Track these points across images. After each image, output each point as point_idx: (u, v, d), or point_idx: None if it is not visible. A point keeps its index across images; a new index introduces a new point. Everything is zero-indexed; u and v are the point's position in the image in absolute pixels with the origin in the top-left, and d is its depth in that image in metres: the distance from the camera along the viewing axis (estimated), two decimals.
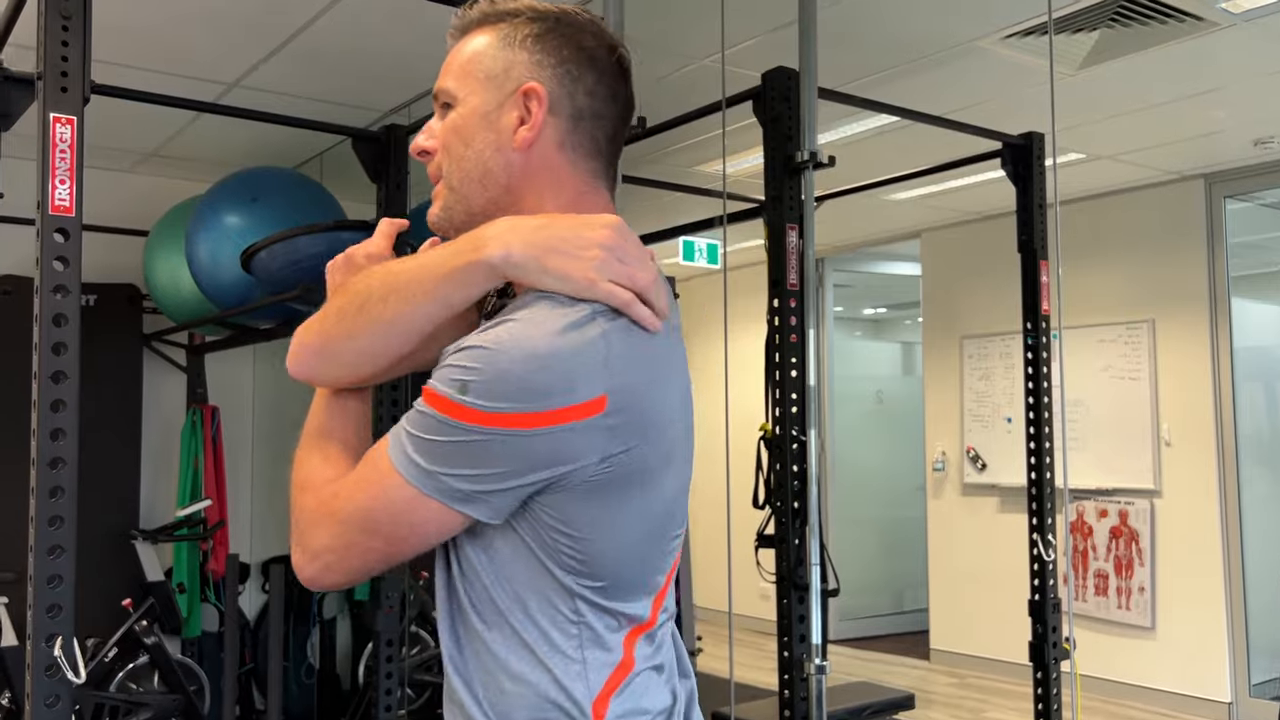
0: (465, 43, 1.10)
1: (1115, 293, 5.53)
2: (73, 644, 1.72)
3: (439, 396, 0.95)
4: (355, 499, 0.99)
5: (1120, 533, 5.43)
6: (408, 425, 0.97)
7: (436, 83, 1.11)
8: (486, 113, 1.07)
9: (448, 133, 1.09)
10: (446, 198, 1.10)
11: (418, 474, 0.95)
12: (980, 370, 6.15)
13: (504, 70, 1.07)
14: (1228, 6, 3.16)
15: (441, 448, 0.95)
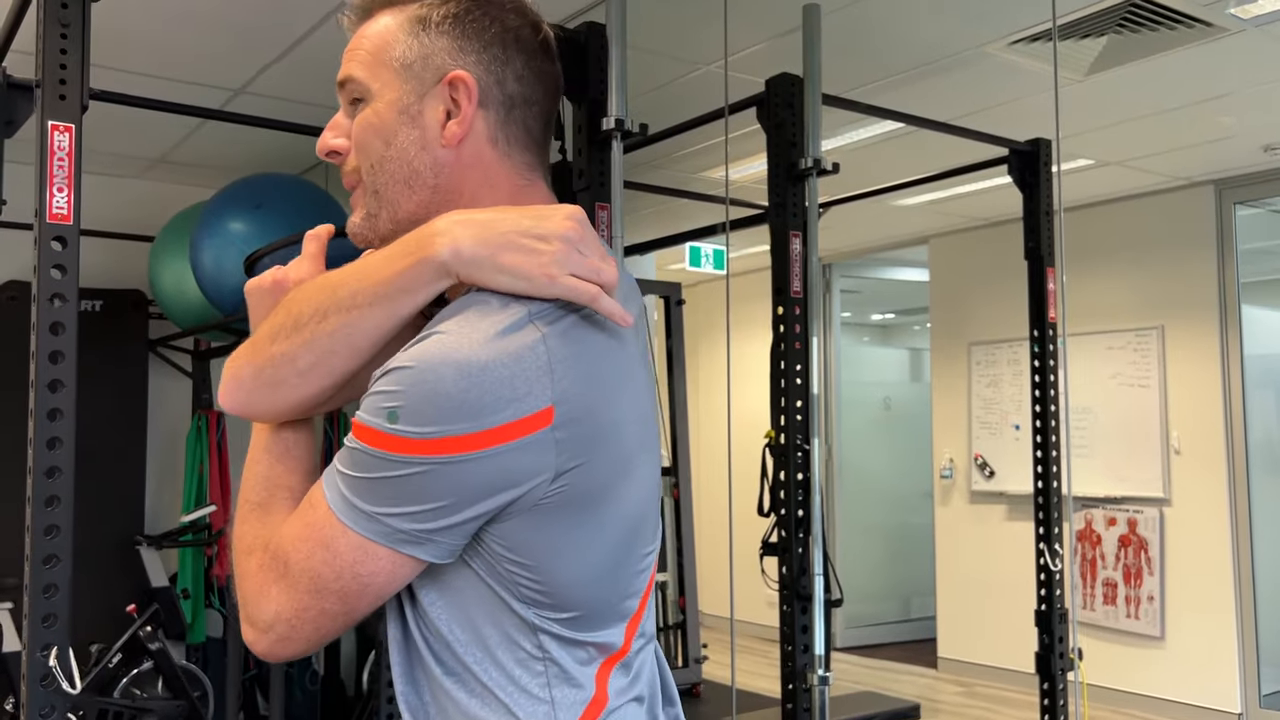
0: (368, 25, 0.99)
1: (1124, 299, 5.50)
2: (68, 654, 1.71)
3: (367, 428, 0.85)
4: (298, 555, 0.87)
5: (1129, 541, 5.39)
6: (340, 464, 0.87)
7: (340, 72, 0.99)
8: (406, 106, 0.96)
9: (363, 131, 0.97)
10: (369, 204, 0.98)
11: (358, 518, 0.85)
12: (988, 377, 6.12)
13: (422, 58, 0.95)
14: (1237, 12, 3.14)
15: (379, 486, 0.84)
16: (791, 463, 2.67)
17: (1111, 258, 5.56)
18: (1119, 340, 5.50)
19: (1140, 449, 5.37)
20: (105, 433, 4.43)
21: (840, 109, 3.04)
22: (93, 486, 4.36)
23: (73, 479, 1.73)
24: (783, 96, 2.67)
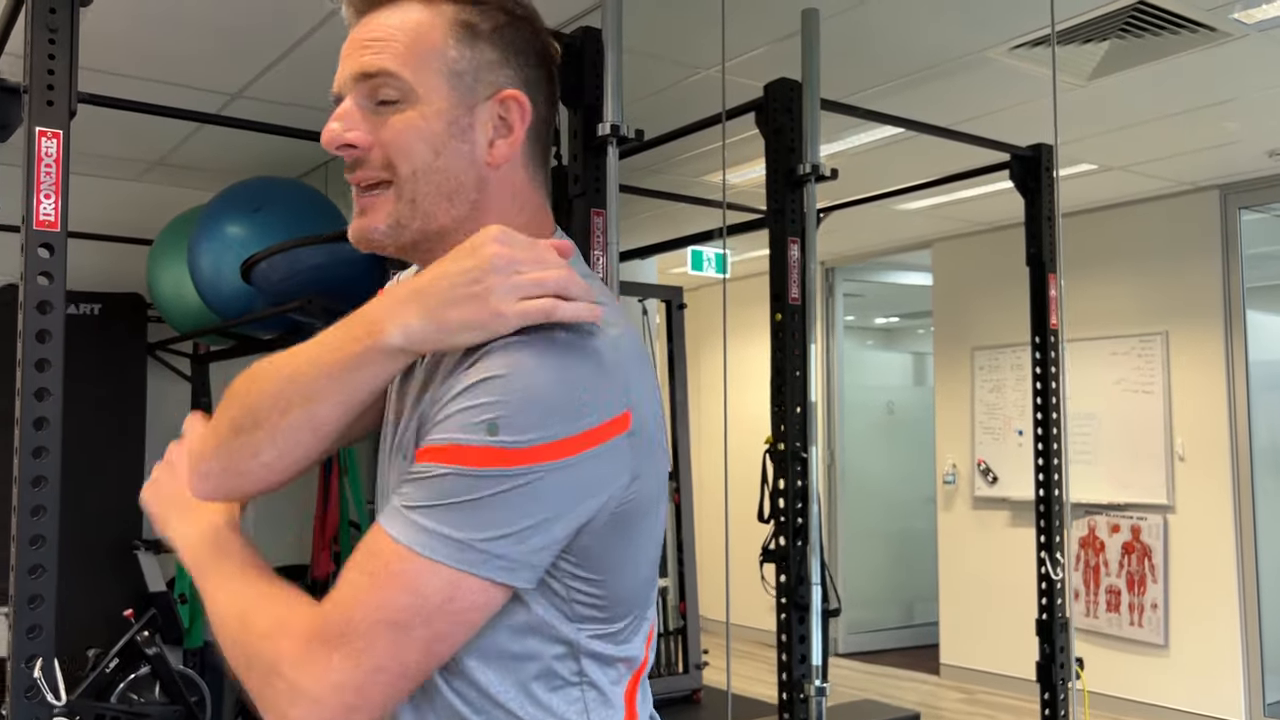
0: (392, 14, 0.93)
1: (1128, 305, 5.47)
2: (53, 665, 1.69)
3: (462, 448, 0.80)
4: (364, 612, 0.79)
5: (1132, 548, 5.36)
6: (416, 498, 0.80)
7: (359, 60, 0.92)
8: (456, 119, 0.92)
9: (406, 135, 0.91)
10: (399, 211, 0.92)
11: (451, 549, 0.79)
12: (991, 382, 6.10)
13: (474, 69, 0.92)
14: (1241, 18, 3.11)
15: (477, 509, 0.79)
16: (790, 470, 2.65)
17: (1115, 263, 5.53)
18: (1123, 346, 5.47)
19: (1144, 455, 5.34)
20: (104, 436, 4.42)
21: (840, 114, 3.01)
22: (91, 490, 4.34)
23: (59, 489, 1.71)
24: (781, 102, 2.65)
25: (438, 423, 0.82)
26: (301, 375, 0.88)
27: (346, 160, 0.93)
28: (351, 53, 0.94)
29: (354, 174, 0.93)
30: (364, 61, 0.92)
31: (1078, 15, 3.10)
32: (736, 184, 4.67)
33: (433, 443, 0.82)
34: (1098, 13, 3.08)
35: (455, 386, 0.83)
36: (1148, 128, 4.22)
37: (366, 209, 0.94)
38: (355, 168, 0.93)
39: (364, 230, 0.94)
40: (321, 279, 3.28)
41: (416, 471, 0.82)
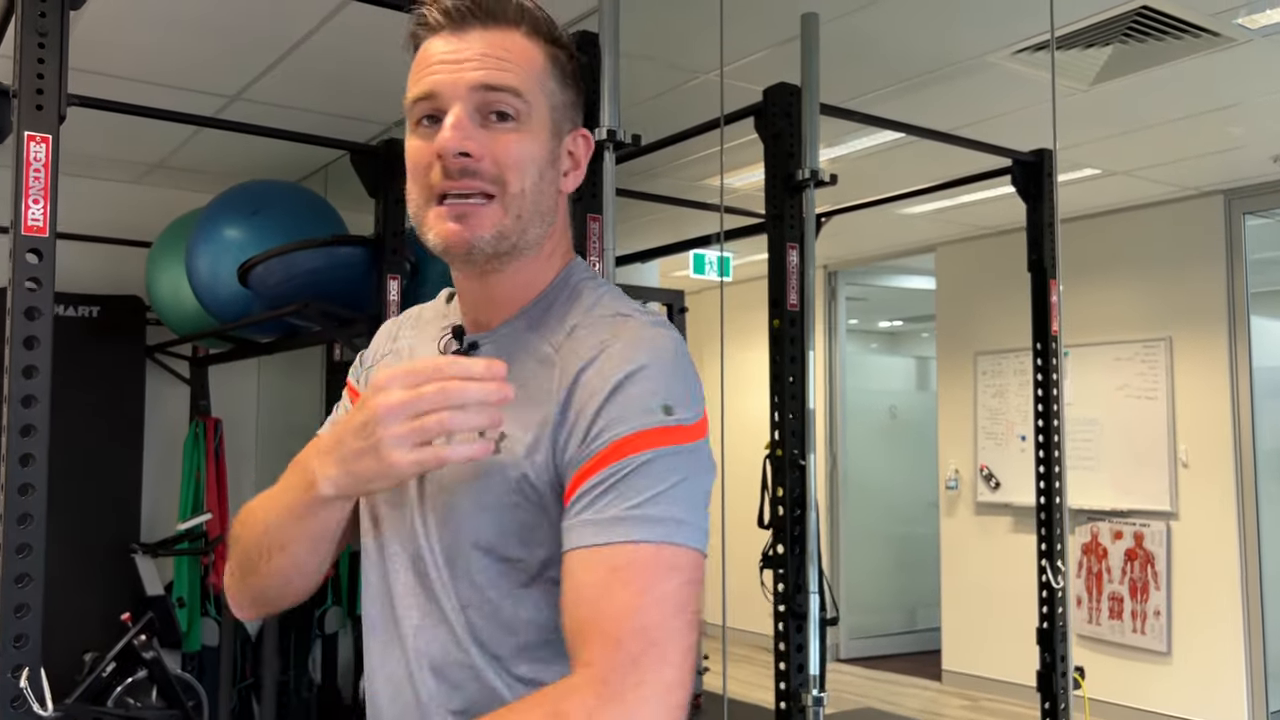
0: (504, 36, 0.97)
1: (1131, 310, 5.45)
2: (39, 675, 1.67)
3: (648, 431, 0.87)
4: (658, 616, 0.82)
5: (1135, 555, 5.33)
6: (634, 498, 0.85)
7: (484, 71, 0.95)
8: (552, 148, 1.00)
9: (522, 153, 0.96)
10: (504, 224, 0.96)
11: (689, 532, 0.86)
12: (994, 387, 6.07)
13: (562, 105, 1.00)
14: (1245, 23, 3.09)
15: (681, 487, 0.87)
16: (788, 478, 2.63)
17: (1119, 268, 5.50)
18: (1126, 351, 5.44)
19: (1147, 461, 5.31)
20: (102, 439, 4.41)
21: (840, 119, 2.99)
22: (88, 493, 4.34)
23: (45, 497, 1.69)
24: (780, 106, 2.63)
25: (604, 426, 0.88)
26: (273, 524, 1.00)
27: (452, 167, 0.94)
28: (459, 61, 0.96)
29: (459, 181, 0.95)
30: (489, 75, 0.95)
31: (1080, 20, 3.08)
32: (736, 188, 4.65)
33: (614, 439, 0.87)
34: (1100, 17, 3.06)
35: (598, 391, 0.90)
36: (1151, 132, 4.20)
37: (466, 216, 0.95)
38: (463, 175, 0.95)
39: (465, 237, 0.96)
40: (318, 283, 3.27)
41: (611, 474, 0.87)
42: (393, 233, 3.17)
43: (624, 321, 0.96)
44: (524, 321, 1.02)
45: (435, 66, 0.97)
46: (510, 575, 0.95)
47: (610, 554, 0.84)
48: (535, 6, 1.00)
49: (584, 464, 0.89)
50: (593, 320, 0.97)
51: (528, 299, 1.02)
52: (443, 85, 0.96)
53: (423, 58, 0.99)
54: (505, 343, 1.01)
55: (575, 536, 0.87)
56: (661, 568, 0.84)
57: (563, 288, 1.03)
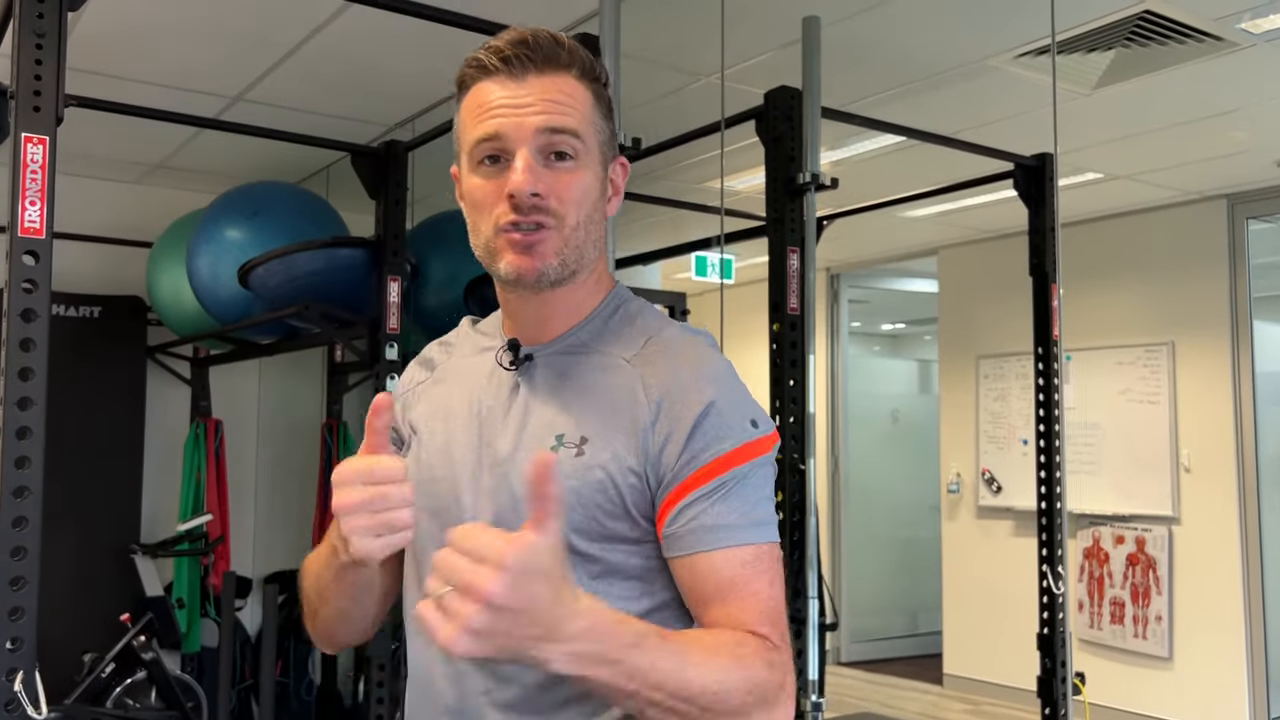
0: (558, 80, 1.06)
1: (1134, 314, 5.43)
2: (34, 679, 1.67)
3: (745, 446, 1.02)
4: (780, 602, 1.03)
5: (1137, 560, 5.31)
6: (745, 505, 1.01)
7: (548, 116, 1.04)
8: (601, 180, 1.10)
9: (583, 190, 1.07)
10: (565, 253, 1.06)
11: (776, 528, 1.04)
12: (996, 391, 6.06)
13: (607, 139, 1.11)
14: (1248, 27, 3.08)
15: (768, 489, 1.05)
16: (787, 482, 2.62)
17: (1122, 272, 5.49)
18: (1128, 355, 5.43)
19: (1149, 466, 5.30)
20: (102, 439, 4.40)
21: (841, 122, 2.98)
22: (89, 493, 4.34)
23: (41, 500, 1.69)
24: (781, 110, 2.62)
25: (708, 442, 1.01)
26: (319, 579, 1.13)
27: (524, 205, 1.03)
28: (522, 106, 1.04)
29: (527, 215, 1.04)
30: (554, 119, 1.04)
31: (1082, 24, 3.07)
32: (738, 190, 4.65)
33: (716, 456, 1.01)
34: (1102, 21, 3.05)
35: (692, 408, 1.02)
36: (1154, 137, 4.19)
37: (532, 247, 1.05)
38: (531, 211, 1.04)
39: (533, 266, 1.05)
40: (319, 285, 3.26)
41: (721, 484, 1.01)
42: (393, 234, 3.16)
43: (691, 343, 1.09)
44: (578, 337, 1.12)
45: (498, 110, 1.04)
46: (579, 569, 1.02)
47: (741, 553, 1.00)
48: (581, 49, 1.08)
49: (691, 475, 1.01)
50: (664, 341, 1.10)
51: (579, 318, 1.13)
52: (508, 128, 1.03)
53: (480, 100, 1.06)
54: (560, 356, 1.12)
55: (706, 539, 1.00)
56: (775, 560, 1.03)
57: (614, 307, 1.15)
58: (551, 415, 1.07)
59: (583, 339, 1.12)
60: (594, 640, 0.85)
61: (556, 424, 1.06)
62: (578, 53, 1.07)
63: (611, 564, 1.03)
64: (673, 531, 1.01)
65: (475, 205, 1.08)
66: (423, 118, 3.82)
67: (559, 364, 1.11)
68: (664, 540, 1.02)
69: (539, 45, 1.05)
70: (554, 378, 1.10)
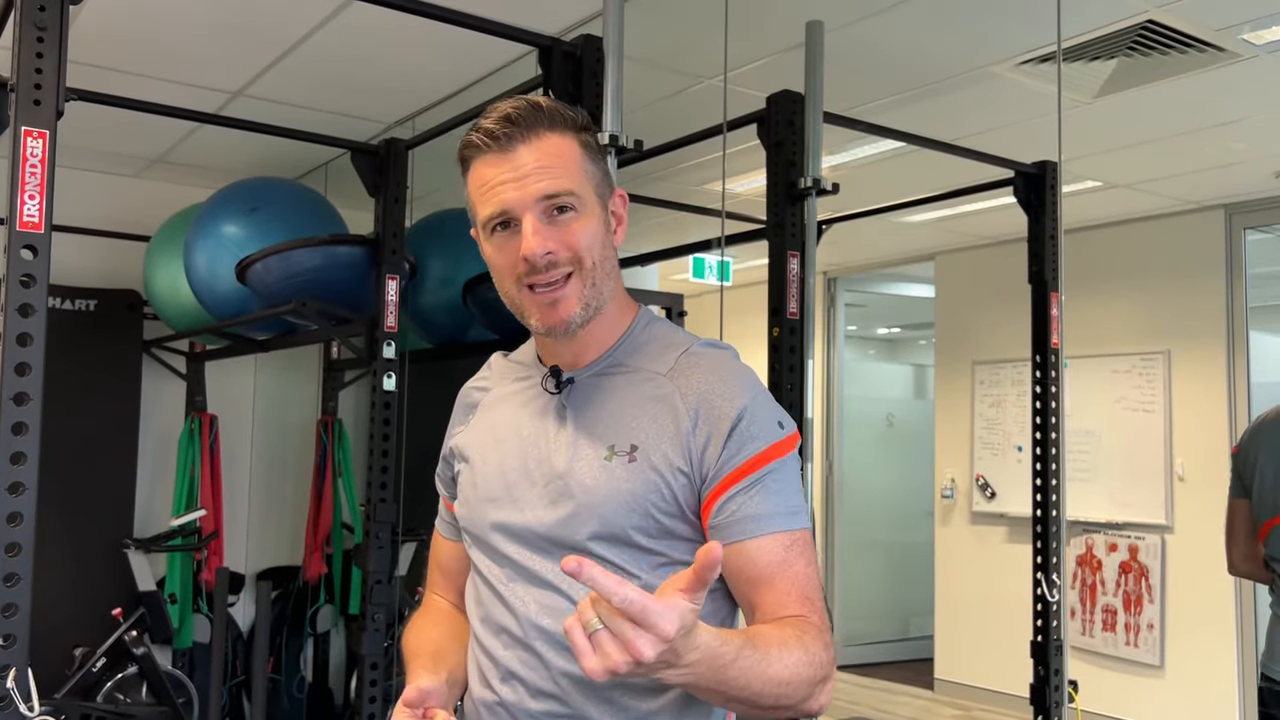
0: (543, 143, 1.17)
1: (1130, 323, 5.44)
2: (27, 675, 1.66)
3: (776, 444, 1.16)
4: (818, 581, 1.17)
5: (1130, 568, 5.32)
6: (778, 495, 1.15)
7: (541, 182, 1.16)
8: (603, 218, 1.22)
9: (590, 237, 1.19)
10: (587, 295, 1.19)
11: (805, 516, 1.18)
12: (991, 397, 6.06)
13: (601, 176, 1.22)
14: (1250, 38, 3.08)
15: (797, 481, 1.18)
16: None
17: (1119, 280, 5.49)
18: (1124, 364, 5.43)
19: (1143, 475, 5.30)
20: (97, 433, 4.39)
21: (842, 127, 2.98)
22: (83, 487, 4.32)
23: (35, 496, 1.68)
24: (783, 114, 2.61)
25: (744, 442, 1.15)
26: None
27: (539, 264, 1.16)
28: (520, 178, 1.16)
29: (545, 274, 1.17)
30: (547, 185, 1.16)
31: (1086, 33, 3.07)
32: (738, 193, 4.64)
33: (751, 454, 1.15)
34: (1105, 30, 3.05)
35: (727, 415, 1.15)
36: (1154, 146, 4.19)
37: (558, 300, 1.18)
38: (549, 268, 1.17)
39: (563, 318, 1.19)
40: (317, 282, 3.25)
41: (757, 479, 1.14)
42: (392, 233, 3.15)
43: (720, 356, 1.23)
44: (614, 358, 1.25)
45: (501, 188, 1.17)
46: (642, 560, 1.17)
47: (780, 539, 1.14)
48: (559, 108, 1.20)
49: (730, 472, 1.14)
50: (695, 355, 1.23)
51: (612, 341, 1.26)
52: (513, 202, 1.16)
53: (482, 179, 1.19)
54: (599, 377, 1.25)
55: (749, 527, 1.14)
56: (809, 543, 1.17)
57: (643, 326, 1.29)
58: (600, 430, 1.20)
59: (619, 359, 1.26)
60: (705, 666, 0.96)
61: (606, 437, 1.19)
62: (557, 112, 1.19)
63: (672, 558, 1.17)
64: (718, 523, 1.15)
65: (496, 269, 1.21)
66: (423, 116, 3.81)
67: (600, 384, 1.24)
68: (710, 531, 1.15)
69: (520, 118, 1.17)
70: (597, 396, 1.23)
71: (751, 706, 1.05)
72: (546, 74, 2.31)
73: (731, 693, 1.01)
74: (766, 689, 1.03)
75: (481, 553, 1.28)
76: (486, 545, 1.27)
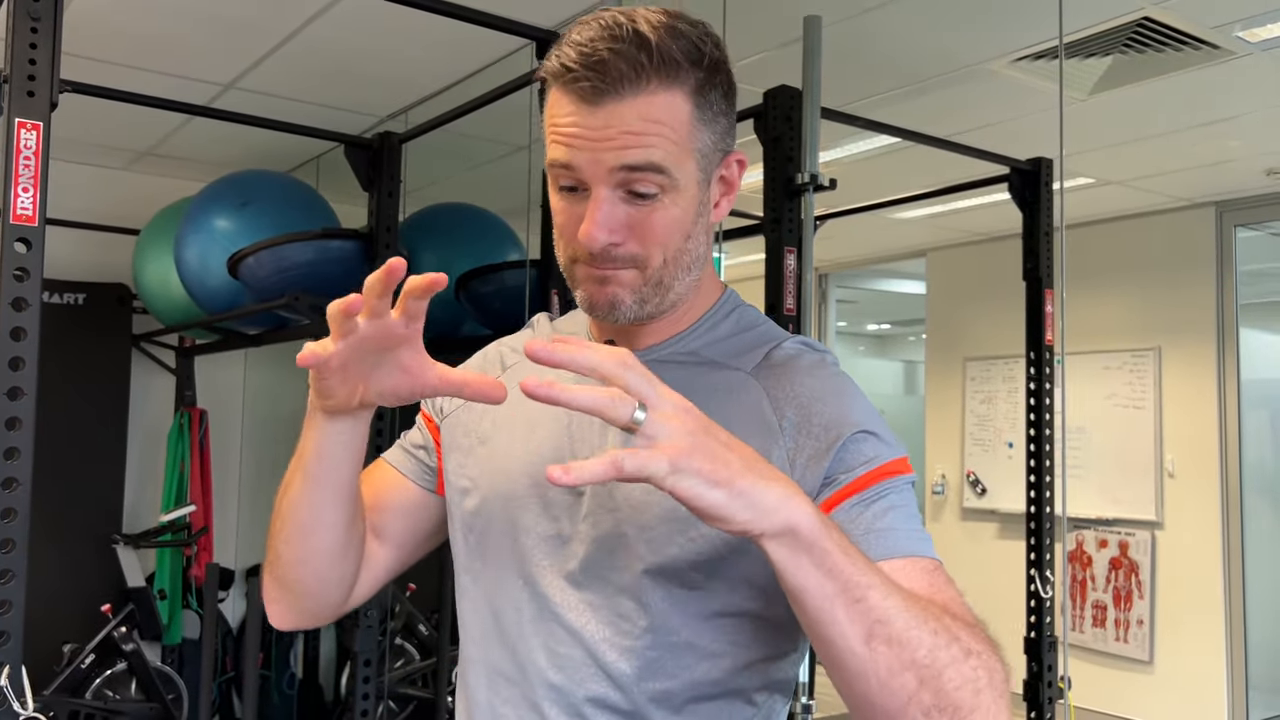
0: (650, 102, 0.89)
1: (1121, 319, 5.45)
2: (20, 673, 1.64)
3: (900, 460, 0.93)
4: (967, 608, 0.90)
5: (1120, 564, 5.34)
6: (902, 515, 0.89)
7: (625, 151, 0.89)
8: (702, 199, 0.95)
9: (667, 227, 0.92)
10: (645, 292, 0.95)
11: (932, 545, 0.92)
12: (982, 393, 6.07)
13: (713, 143, 0.94)
14: (1245, 36, 3.09)
15: (915, 509, 0.93)
16: None
17: (1110, 277, 5.51)
18: (1115, 360, 5.45)
19: (1134, 471, 5.32)
20: (85, 428, 4.36)
21: (840, 123, 2.97)
22: (71, 483, 4.29)
23: (30, 492, 1.66)
24: (781, 110, 2.60)
25: (850, 465, 0.90)
26: (281, 502, 1.02)
27: (597, 255, 0.93)
28: (598, 139, 0.90)
29: (601, 264, 0.94)
30: (632, 154, 0.89)
31: (1081, 29, 3.07)
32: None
33: (869, 469, 0.90)
34: (1102, 27, 3.05)
35: (827, 435, 0.91)
36: (1147, 143, 4.20)
37: (609, 279, 0.95)
38: (606, 262, 0.94)
39: (609, 301, 0.95)
40: (309, 276, 3.23)
41: (875, 493, 0.89)
42: (386, 227, 3.13)
43: (818, 361, 1.00)
44: (686, 343, 1.01)
45: (574, 141, 0.91)
46: (686, 605, 0.92)
47: (923, 563, 0.88)
48: (673, 46, 0.89)
49: (842, 487, 0.89)
50: (788, 355, 0.99)
51: (688, 323, 1.02)
52: (581, 162, 0.91)
53: (555, 113, 0.92)
54: (661, 366, 0.96)
55: (878, 543, 0.87)
56: (945, 575, 0.91)
57: (726, 311, 1.04)
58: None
59: (691, 345, 1.01)
60: (804, 501, 0.75)
61: None
62: (673, 58, 0.89)
63: (732, 605, 0.92)
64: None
65: (556, 227, 0.97)
66: (416, 109, 3.79)
67: (665, 371, 0.92)
68: None
69: (616, 69, 0.88)
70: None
71: (899, 656, 0.76)
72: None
73: (854, 596, 0.75)
74: (912, 630, 0.77)
75: (485, 565, 1.02)
76: (496, 558, 1.01)
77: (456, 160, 4.37)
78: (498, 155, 4.27)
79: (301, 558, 1.01)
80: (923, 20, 3.04)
